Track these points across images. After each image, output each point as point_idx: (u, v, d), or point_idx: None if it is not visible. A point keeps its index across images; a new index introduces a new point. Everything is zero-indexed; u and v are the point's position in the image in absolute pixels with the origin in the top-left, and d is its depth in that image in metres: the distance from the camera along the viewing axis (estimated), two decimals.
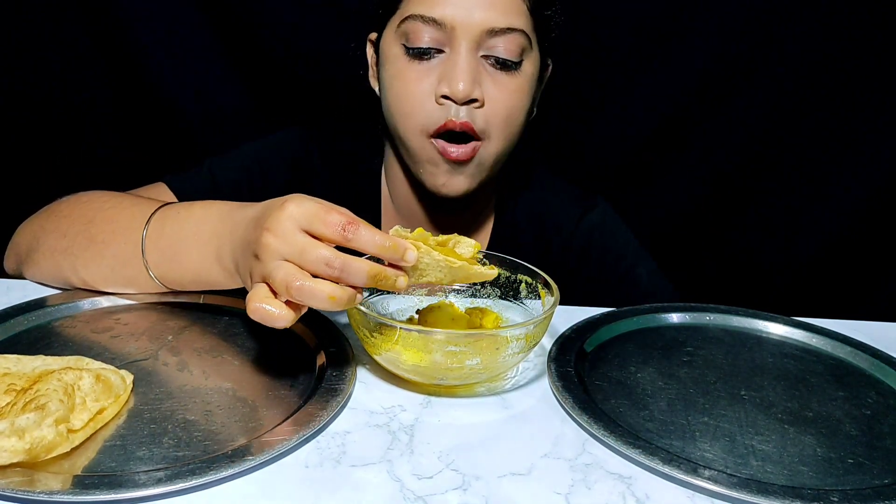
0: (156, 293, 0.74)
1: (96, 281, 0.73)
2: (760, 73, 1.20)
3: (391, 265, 0.57)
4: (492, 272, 0.61)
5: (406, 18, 0.80)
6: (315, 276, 0.54)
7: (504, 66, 0.80)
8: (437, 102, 0.80)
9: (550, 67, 0.91)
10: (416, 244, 0.57)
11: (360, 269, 0.54)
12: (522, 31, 0.80)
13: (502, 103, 0.81)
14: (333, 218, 0.55)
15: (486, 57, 0.80)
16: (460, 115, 0.79)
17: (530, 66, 0.83)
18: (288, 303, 0.55)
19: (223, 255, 0.64)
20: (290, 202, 0.56)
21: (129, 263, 0.70)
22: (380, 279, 0.56)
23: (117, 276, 0.72)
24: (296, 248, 0.54)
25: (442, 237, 0.61)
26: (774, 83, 1.21)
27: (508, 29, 0.79)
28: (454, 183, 0.84)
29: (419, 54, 0.80)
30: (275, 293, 0.55)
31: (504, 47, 0.79)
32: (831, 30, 1.18)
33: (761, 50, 1.19)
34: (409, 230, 0.59)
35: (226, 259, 0.64)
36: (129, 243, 0.70)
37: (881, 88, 1.21)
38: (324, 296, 0.54)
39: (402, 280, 0.57)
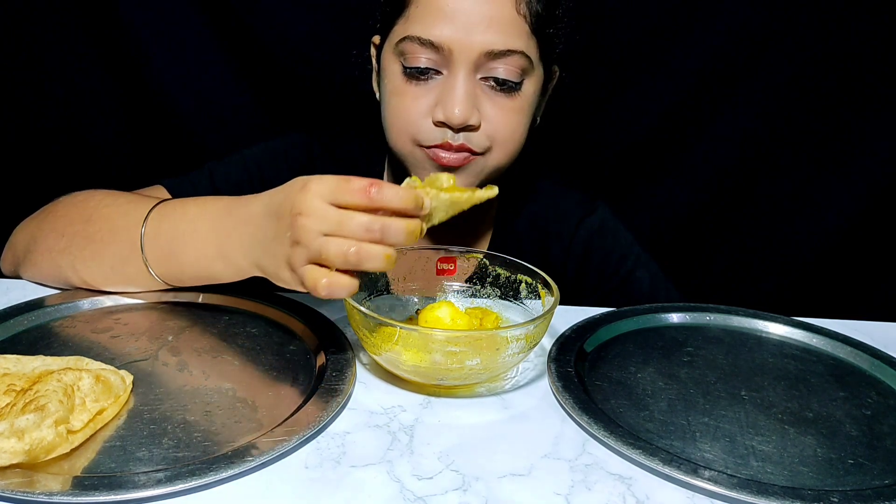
0: (157, 291, 0.74)
1: (96, 280, 0.73)
2: (760, 73, 1.20)
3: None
4: (493, 191, 0.62)
5: (403, 39, 0.78)
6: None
7: (503, 88, 0.79)
8: (434, 125, 0.79)
9: (557, 75, 0.89)
10: (426, 190, 0.59)
11: (399, 227, 0.56)
12: (523, 53, 0.78)
13: (501, 125, 0.80)
14: (356, 185, 0.56)
15: (485, 79, 0.79)
16: (457, 139, 0.79)
17: (531, 85, 0.81)
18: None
19: (229, 251, 0.64)
20: (309, 183, 0.57)
21: (128, 262, 0.71)
22: (415, 233, 0.57)
23: (117, 275, 0.72)
24: (333, 221, 0.56)
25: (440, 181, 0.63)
26: (774, 83, 1.21)
27: (508, 51, 0.77)
28: None
29: (416, 76, 0.79)
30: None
31: (504, 69, 0.78)
32: (831, 30, 1.18)
33: (761, 50, 1.19)
34: (418, 180, 0.61)
35: (234, 256, 0.64)
36: (128, 242, 0.70)
37: (881, 88, 1.21)
38: (381, 255, 0.56)
39: (424, 228, 0.59)
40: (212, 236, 0.65)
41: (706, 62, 1.20)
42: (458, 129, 0.78)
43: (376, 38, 0.88)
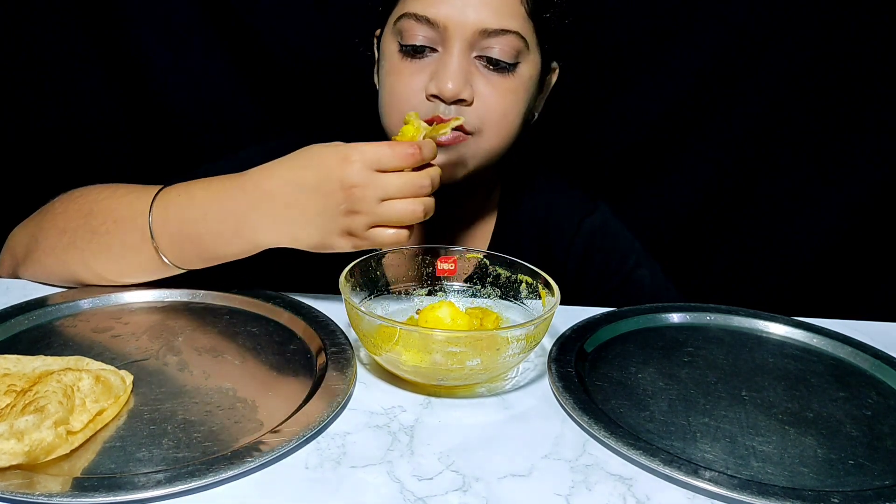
0: (159, 289, 0.75)
1: (110, 272, 0.74)
2: (760, 73, 1.20)
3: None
4: (459, 120, 0.75)
5: (401, 17, 0.79)
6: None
7: (497, 67, 0.80)
8: (427, 100, 0.80)
9: (557, 71, 0.90)
10: (431, 136, 0.70)
11: (436, 174, 0.67)
12: (517, 34, 0.78)
13: (494, 103, 0.80)
14: (401, 151, 0.65)
15: (479, 57, 0.79)
16: (449, 113, 0.79)
17: (527, 68, 0.82)
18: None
19: (246, 229, 0.68)
20: (350, 155, 0.64)
21: (139, 251, 0.71)
22: (441, 173, 0.68)
23: (129, 265, 0.73)
24: (389, 187, 0.64)
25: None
26: (774, 83, 1.21)
27: (502, 30, 0.78)
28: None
29: (412, 52, 0.80)
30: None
31: (498, 49, 0.78)
32: (831, 30, 1.18)
33: (761, 50, 1.19)
34: (411, 128, 0.71)
35: (255, 233, 0.68)
36: (136, 231, 0.71)
37: (881, 88, 1.21)
38: (434, 202, 0.67)
39: None
40: (227, 216, 0.68)
41: (706, 62, 1.20)
42: (450, 102, 0.79)
43: (378, 31, 0.88)
